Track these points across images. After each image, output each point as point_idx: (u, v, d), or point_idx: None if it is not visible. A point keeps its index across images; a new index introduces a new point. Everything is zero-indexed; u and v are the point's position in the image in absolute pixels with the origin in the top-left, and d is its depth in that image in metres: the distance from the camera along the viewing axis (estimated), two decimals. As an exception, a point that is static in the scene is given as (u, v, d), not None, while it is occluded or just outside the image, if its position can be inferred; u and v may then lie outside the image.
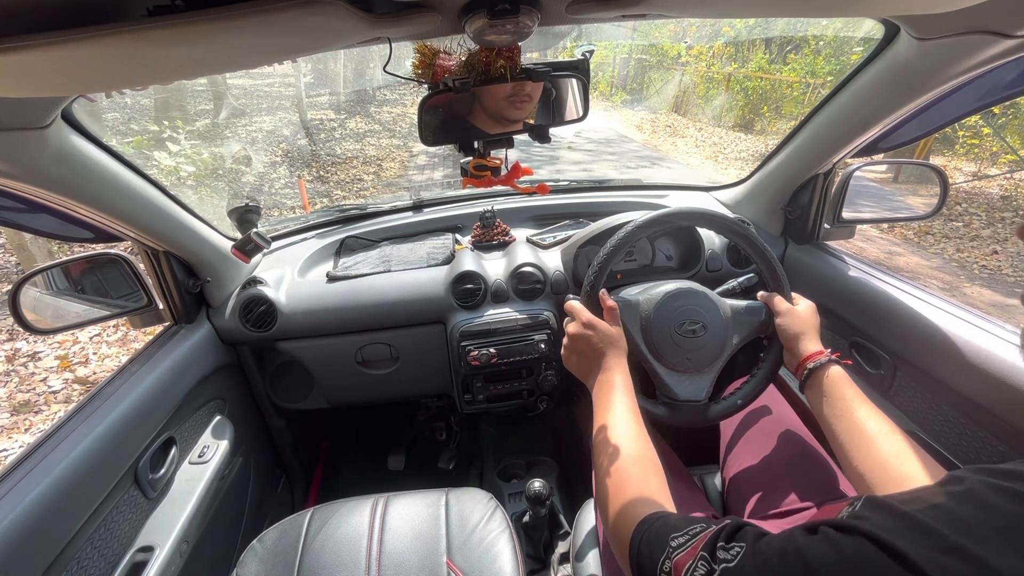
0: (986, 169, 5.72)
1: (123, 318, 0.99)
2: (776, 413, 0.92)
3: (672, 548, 0.41)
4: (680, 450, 0.96)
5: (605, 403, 0.68)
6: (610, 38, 12.55)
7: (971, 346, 0.76)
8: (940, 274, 3.80)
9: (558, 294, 1.15)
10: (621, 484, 0.55)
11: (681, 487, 0.84)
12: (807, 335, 0.76)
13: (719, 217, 0.85)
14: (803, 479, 0.79)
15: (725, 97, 9.41)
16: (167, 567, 0.79)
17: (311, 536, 0.83)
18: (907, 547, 0.28)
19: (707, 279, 1.05)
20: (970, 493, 0.30)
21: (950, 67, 0.70)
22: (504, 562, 0.79)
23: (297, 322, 1.10)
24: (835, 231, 1.15)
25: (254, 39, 0.38)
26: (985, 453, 0.74)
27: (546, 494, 1.01)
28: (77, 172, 0.69)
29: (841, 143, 0.98)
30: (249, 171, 6.37)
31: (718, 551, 0.36)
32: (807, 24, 7.33)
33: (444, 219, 1.39)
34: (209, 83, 9.00)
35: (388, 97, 12.07)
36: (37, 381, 2.73)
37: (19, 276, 0.84)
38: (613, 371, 0.71)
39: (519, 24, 0.47)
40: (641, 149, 7.93)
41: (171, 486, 0.90)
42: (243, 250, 1.04)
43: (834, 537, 0.31)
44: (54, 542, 0.64)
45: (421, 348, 1.18)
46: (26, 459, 0.68)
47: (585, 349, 0.76)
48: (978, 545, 0.27)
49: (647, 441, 0.62)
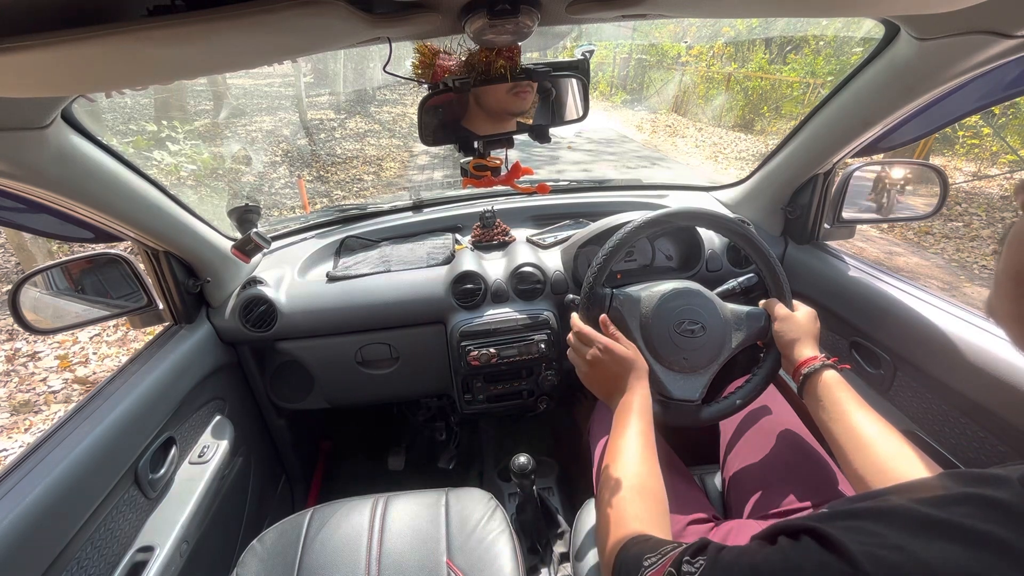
0: (986, 169, 5.72)
1: (123, 318, 0.99)
2: (776, 413, 0.92)
3: (645, 567, 0.43)
4: (681, 450, 0.96)
5: (620, 426, 0.69)
6: (610, 38, 12.56)
7: (971, 346, 0.76)
8: (940, 274, 3.80)
9: (558, 294, 1.15)
10: (619, 520, 0.56)
11: (681, 487, 0.85)
12: (803, 341, 0.77)
13: (719, 217, 0.85)
14: (803, 479, 0.79)
15: (725, 97, 9.41)
16: (167, 567, 0.78)
17: (311, 536, 0.83)
18: (849, 542, 0.29)
19: (707, 279, 1.05)
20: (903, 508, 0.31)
21: (950, 67, 0.70)
22: (504, 562, 0.79)
23: (297, 322, 1.10)
24: (835, 231, 1.15)
25: (254, 39, 0.38)
26: (985, 453, 0.74)
27: (530, 467, 1.00)
28: (77, 172, 0.69)
29: (841, 143, 0.98)
30: (249, 171, 6.37)
31: (684, 566, 0.38)
32: (807, 24, 7.34)
33: (444, 219, 1.39)
34: (209, 83, 9.02)
35: (388, 97, 12.08)
36: (37, 381, 2.73)
37: (19, 276, 0.84)
38: (634, 392, 0.72)
39: (519, 24, 0.47)
40: (641, 149, 7.93)
41: (171, 486, 0.90)
42: (243, 250, 1.04)
43: (784, 543, 0.33)
44: (54, 542, 0.64)
45: (421, 348, 1.18)
46: (26, 459, 0.68)
47: (605, 375, 0.76)
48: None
49: (652, 467, 0.62)
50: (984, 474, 0.32)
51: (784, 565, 0.32)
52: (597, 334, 0.79)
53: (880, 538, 0.29)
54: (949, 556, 0.27)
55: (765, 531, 0.36)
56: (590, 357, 0.77)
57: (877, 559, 0.28)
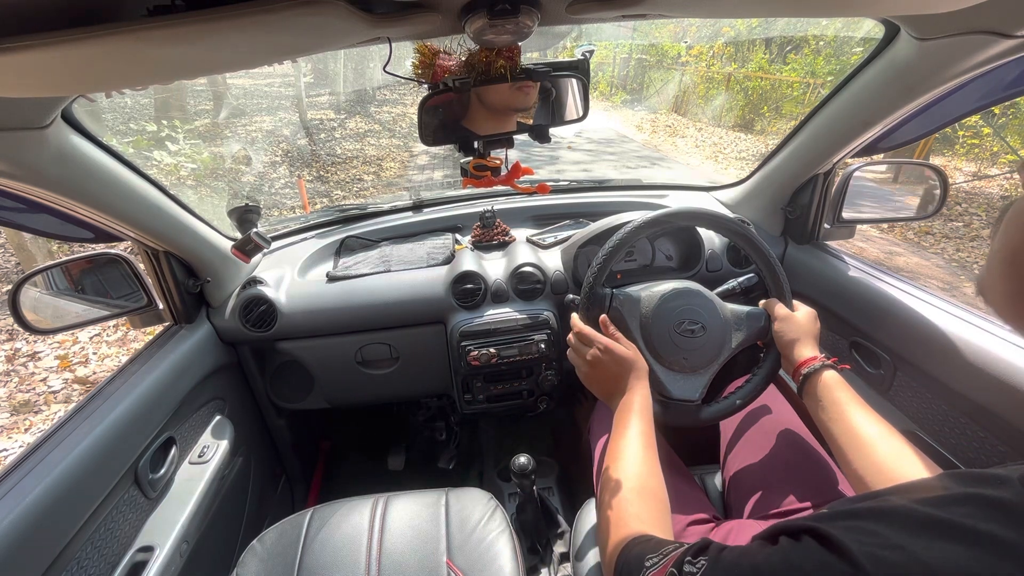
0: (986, 169, 5.72)
1: (123, 318, 0.99)
2: (776, 413, 0.92)
3: (647, 568, 0.43)
4: (681, 450, 0.96)
5: (621, 427, 0.69)
6: (610, 38, 12.56)
7: (971, 346, 0.75)
8: (940, 274, 3.80)
9: (558, 294, 1.15)
10: (620, 520, 0.56)
11: (682, 487, 0.85)
12: (803, 341, 0.77)
13: (719, 217, 0.85)
14: (803, 479, 0.79)
15: (725, 97, 9.41)
16: (167, 567, 0.78)
17: (311, 536, 0.83)
18: (850, 542, 0.29)
19: (707, 279, 1.05)
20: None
21: (950, 67, 0.70)
22: (504, 562, 0.79)
23: (297, 322, 1.10)
24: (835, 231, 1.15)
25: (254, 39, 0.38)
26: (985, 453, 0.74)
27: (531, 467, 1.01)
28: (77, 172, 0.69)
29: (841, 143, 0.98)
30: (249, 171, 6.37)
31: (685, 566, 0.38)
32: (807, 24, 7.33)
33: (444, 219, 1.39)
34: (209, 83, 9.02)
35: (388, 97, 12.08)
36: (37, 381, 2.73)
37: (19, 276, 0.84)
38: (634, 392, 0.72)
39: (519, 24, 0.47)
40: (641, 149, 7.93)
41: (171, 486, 0.90)
42: (243, 250, 1.04)
43: (785, 543, 0.33)
44: (54, 542, 0.64)
45: (421, 348, 1.18)
46: (26, 459, 0.68)
47: (605, 375, 0.76)
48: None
49: (653, 467, 0.62)
50: (985, 474, 0.32)
51: (785, 565, 0.32)
52: (597, 334, 0.79)
53: (881, 538, 0.29)
54: (950, 556, 0.27)
55: (766, 531, 0.36)
56: (590, 357, 0.77)
57: (878, 559, 0.28)
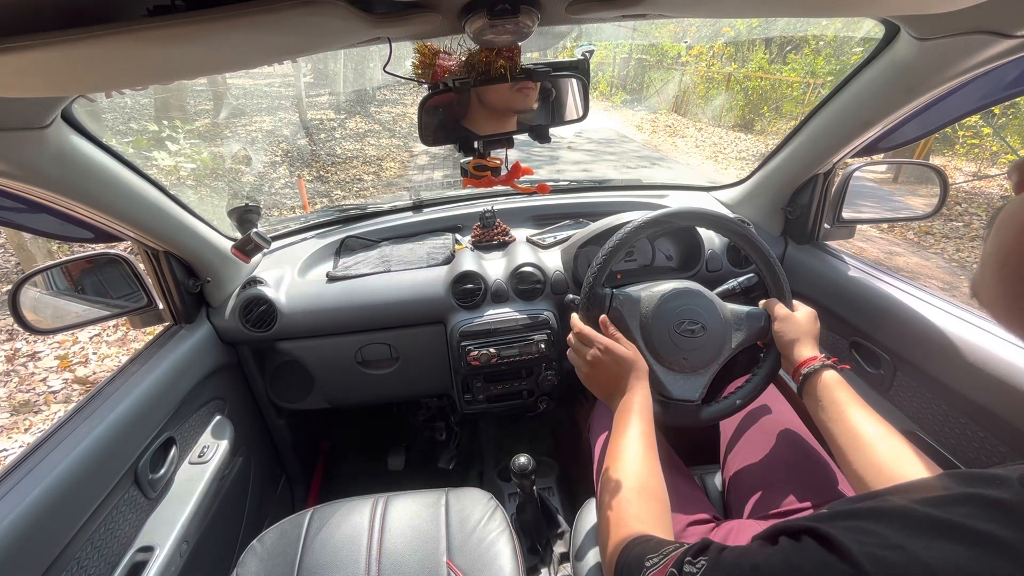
0: (986, 169, 5.72)
1: (123, 318, 0.99)
2: (776, 413, 0.92)
3: (647, 568, 0.43)
4: (681, 450, 0.96)
5: (621, 427, 0.69)
6: (610, 38, 12.56)
7: (971, 346, 0.75)
8: (940, 274, 3.80)
9: (558, 294, 1.15)
10: (620, 520, 0.56)
11: (682, 487, 0.85)
12: (803, 341, 0.77)
13: (719, 217, 0.85)
14: (803, 479, 0.79)
15: (725, 97, 9.41)
16: (167, 567, 0.78)
17: (311, 536, 0.83)
18: (850, 542, 0.29)
19: (707, 279, 1.05)
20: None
21: (950, 67, 0.70)
22: (504, 562, 0.79)
23: (297, 322, 1.10)
24: (835, 231, 1.15)
25: (254, 39, 0.38)
26: (985, 453, 0.74)
27: (531, 467, 1.01)
28: (77, 172, 0.69)
29: (841, 143, 0.98)
30: (249, 171, 6.37)
31: (685, 566, 0.38)
32: (807, 24, 7.34)
33: (444, 219, 1.39)
34: (209, 83, 9.02)
35: (388, 97, 12.08)
36: (37, 381, 2.73)
37: (19, 276, 0.84)
38: (634, 392, 0.72)
39: (519, 24, 0.47)
40: (641, 149, 7.93)
41: (171, 486, 0.90)
42: (243, 250, 1.04)
43: (785, 543, 0.33)
44: (54, 542, 0.64)
45: (421, 348, 1.18)
46: (26, 459, 0.68)
47: (605, 376, 0.76)
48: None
49: (653, 467, 0.62)
50: (984, 474, 0.32)
51: (785, 565, 0.32)
52: (597, 334, 0.79)
53: (881, 538, 0.29)
54: (950, 556, 0.27)
55: (766, 531, 0.36)
56: (590, 357, 0.77)
57: (878, 559, 0.28)
